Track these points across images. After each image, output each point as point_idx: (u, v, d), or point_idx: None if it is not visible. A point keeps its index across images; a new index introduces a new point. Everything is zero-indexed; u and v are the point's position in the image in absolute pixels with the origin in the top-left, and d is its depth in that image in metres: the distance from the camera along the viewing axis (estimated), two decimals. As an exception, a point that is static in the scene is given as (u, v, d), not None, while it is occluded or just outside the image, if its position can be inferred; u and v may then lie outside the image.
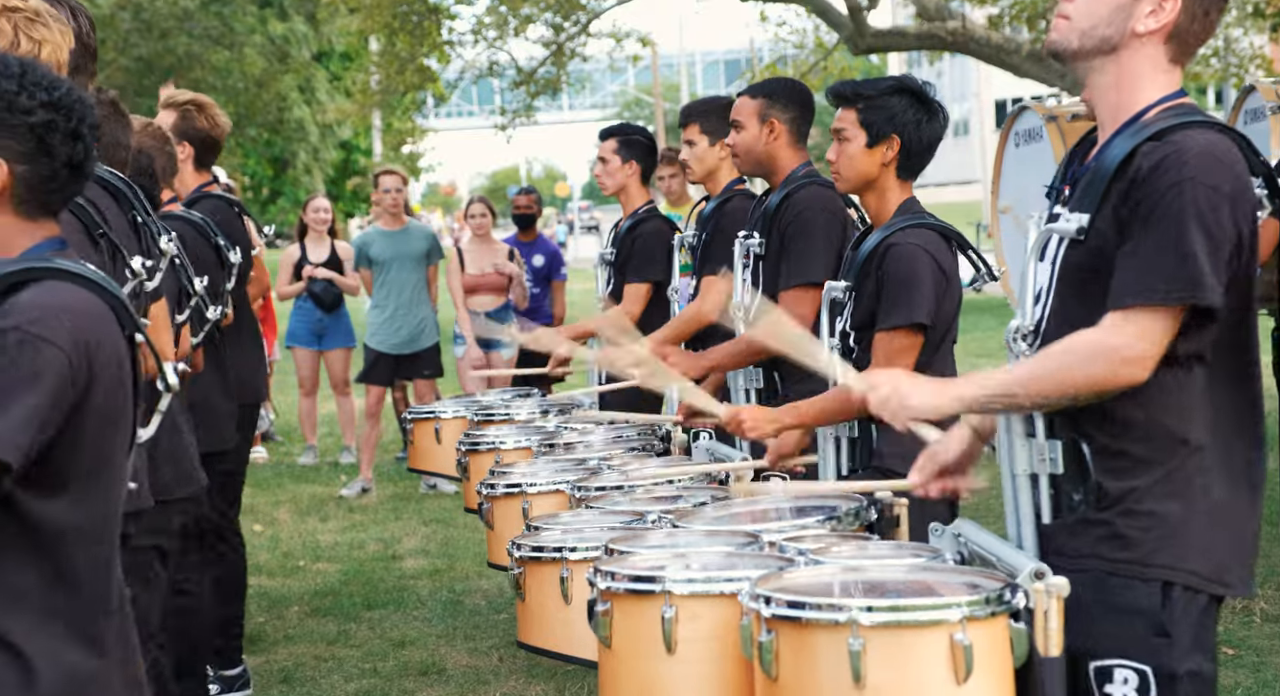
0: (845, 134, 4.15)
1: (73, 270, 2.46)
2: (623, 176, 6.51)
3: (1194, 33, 2.86)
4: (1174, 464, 2.75)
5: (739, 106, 5.06)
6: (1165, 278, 2.66)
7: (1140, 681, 2.72)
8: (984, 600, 2.54)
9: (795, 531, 3.39)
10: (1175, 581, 2.73)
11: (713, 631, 2.90)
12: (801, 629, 2.56)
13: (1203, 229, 2.66)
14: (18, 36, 3.52)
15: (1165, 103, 2.83)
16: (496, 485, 4.65)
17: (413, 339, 10.20)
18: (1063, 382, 2.70)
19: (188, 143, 5.76)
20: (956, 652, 2.50)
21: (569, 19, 21.94)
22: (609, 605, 2.98)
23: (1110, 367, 2.68)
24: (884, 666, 2.50)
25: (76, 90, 2.53)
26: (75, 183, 2.55)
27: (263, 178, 38.14)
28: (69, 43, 3.62)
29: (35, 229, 2.51)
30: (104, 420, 2.46)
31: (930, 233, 4.11)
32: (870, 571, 2.87)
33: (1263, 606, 6.18)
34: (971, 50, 18.90)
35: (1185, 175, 2.68)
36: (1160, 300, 2.66)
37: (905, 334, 4.03)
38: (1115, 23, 2.83)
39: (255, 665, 6.27)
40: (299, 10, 33.84)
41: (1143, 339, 2.67)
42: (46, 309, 2.38)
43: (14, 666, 2.38)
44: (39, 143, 2.47)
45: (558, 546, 3.63)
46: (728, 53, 72.47)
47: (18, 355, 2.34)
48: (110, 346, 2.46)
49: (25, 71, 2.48)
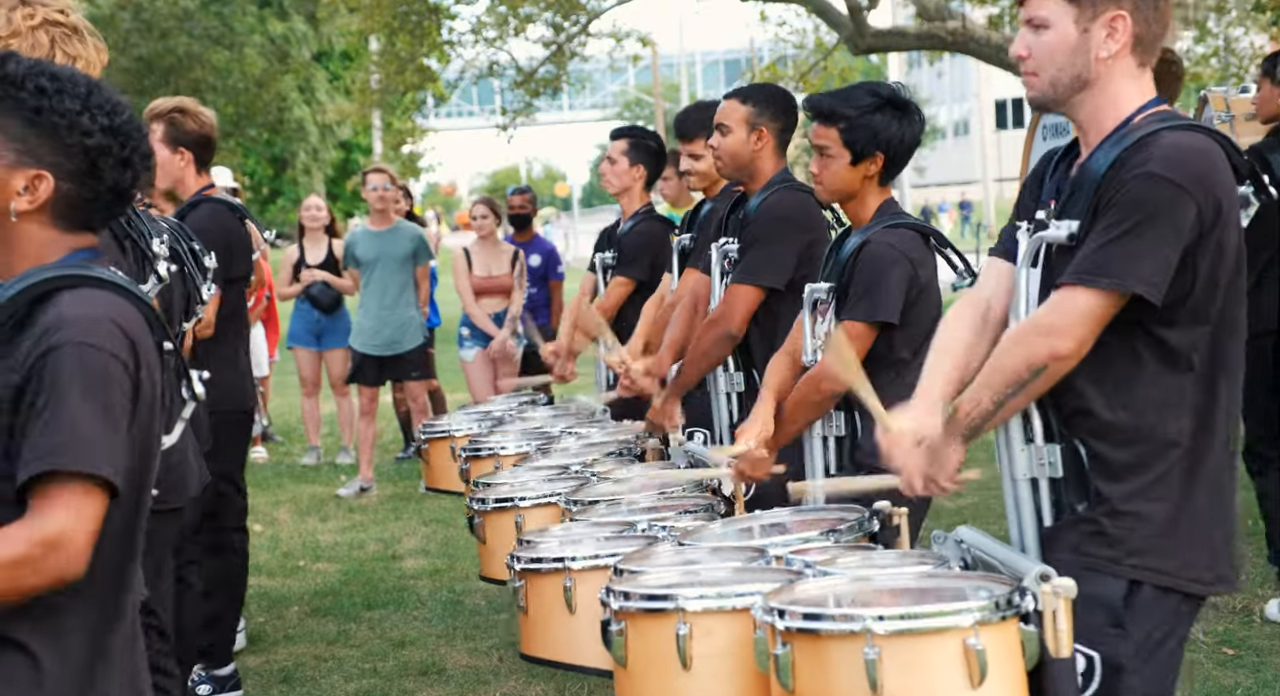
0: (829, 151, 4.17)
1: (108, 279, 2.46)
2: (629, 179, 6.56)
3: (1153, 32, 2.91)
4: (1163, 466, 2.81)
5: (727, 110, 5.06)
6: (1104, 263, 2.73)
7: (1086, 665, 2.78)
8: (995, 604, 2.56)
9: (800, 545, 3.41)
10: (1145, 581, 2.80)
11: (727, 646, 2.92)
12: (816, 640, 2.58)
13: (1155, 221, 2.72)
14: (54, 51, 3.52)
15: (1147, 110, 2.88)
16: (486, 499, 4.65)
17: (395, 341, 10.15)
18: (1006, 369, 2.79)
19: (184, 148, 5.73)
20: (970, 657, 2.51)
21: (569, 19, 21.93)
22: (623, 624, 3.00)
23: (1041, 342, 2.76)
24: (900, 673, 2.51)
25: (135, 118, 2.53)
26: (117, 207, 2.55)
27: (263, 178, 38.13)
28: (102, 59, 3.63)
29: (73, 239, 2.51)
30: (144, 428, 2.46)
31: (907, 232, 4.15)
32: (879, 580, 2.88)
33: (1263, 606, 6.18)
34: (971, 50, 18.90)
35: (1148, 170, 2.74)
36: (1090, 283, 2.74)
37: (863, 328, 4.08)
38: (1078, 61, 2.88)
39: (255, 665, 6.28)
40: (299, 10, 33.84)
41: (1070, 314, 2.75)
42: (93, 319, 2.38)
43: (23, 665, 2.38)
44: (90, 165, 2.47)
45: (558, 557, 3.64)
46: (728, 53, 72.46)
47: (80, 368, 2.33)
48: (147, 354, 2.46)
49: (91, 92, 2.48)
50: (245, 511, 6.17)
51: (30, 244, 2.47)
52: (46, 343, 2.35)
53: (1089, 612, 2.78)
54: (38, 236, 2.48)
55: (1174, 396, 2.79)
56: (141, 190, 4.92)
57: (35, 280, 2.42)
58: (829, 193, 4.24)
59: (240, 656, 6.37)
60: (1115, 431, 2.80)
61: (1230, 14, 20.09)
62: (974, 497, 8.43)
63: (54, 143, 2.45)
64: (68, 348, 2.34)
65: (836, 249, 4.32)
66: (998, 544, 2.88)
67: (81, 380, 2.33)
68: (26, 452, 2.31)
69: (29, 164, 2.44)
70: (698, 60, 77.15)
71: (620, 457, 5.10)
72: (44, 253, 2.48)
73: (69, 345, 2.34)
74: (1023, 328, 2.85)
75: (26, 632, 2.38)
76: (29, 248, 2.47)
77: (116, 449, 2.35)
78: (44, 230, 2.48)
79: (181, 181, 5.79)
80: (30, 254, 2.47)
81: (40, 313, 2.39)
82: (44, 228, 2.48)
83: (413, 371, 10.28)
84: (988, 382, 2.83)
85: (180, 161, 5.73)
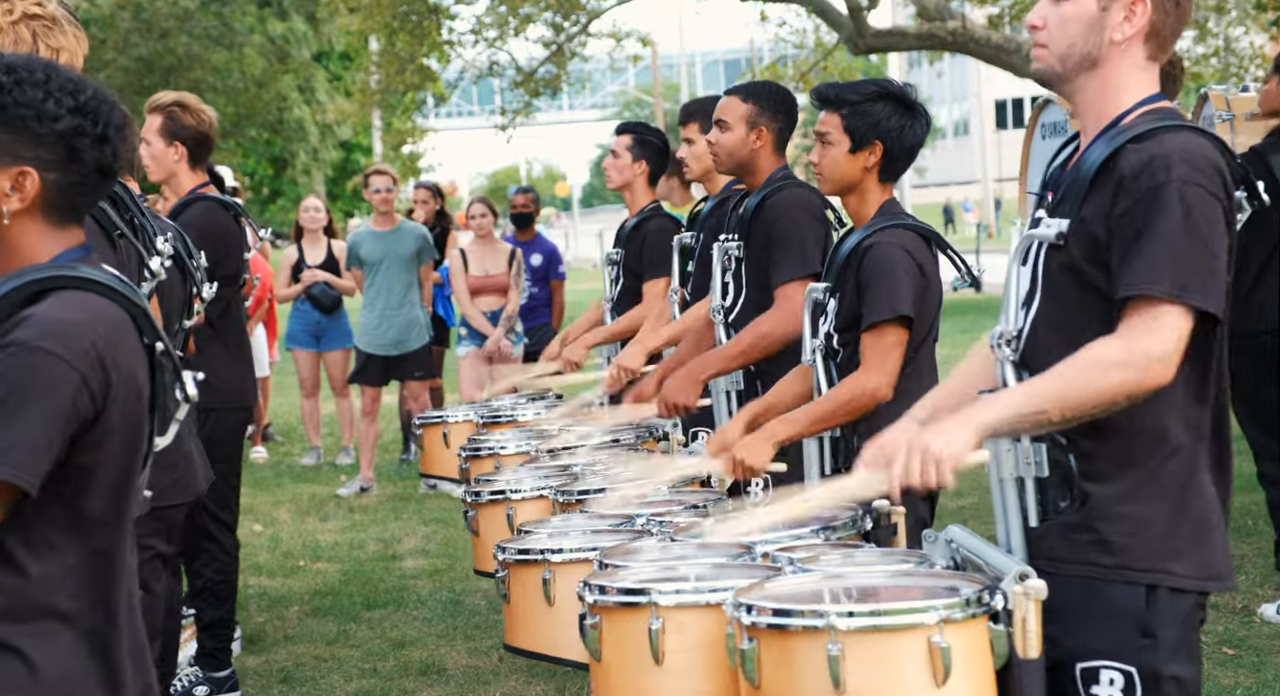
0: (829, 138, 4.17)
1: (96, 279, 2.44)
2: (631, 174, 6.57)
3: (1170, 26, 2.88)
4: (1154, 464, 2.78)
5: (727, 106, 5.06)
6: (1181, 277, 2.66)
7: (1126, 682, 2.74)
8: (962, 603, 2.56)
9: (789, 541, 3.41)
10: (1160, 584, 2.76)
11: (699, 641, 2.92)
12: (781, 636, 2.58)
13: (1204, 231, 2.69)
14: (36, 44, 3.51)
15: (1144, 106, 2.85)
16: (481, 493, 4.66)
17: (401, 340, 10.18)
18: (1098, 392, 2.66)
19: (179, 143, 5.72)
20: (935, 655, 2.51)
21: (569, 19, 21.95)
22: (598, 618, 3.01)
23: (1141, 369, 2.66)
24: (863, 670, 2.51)
25: (101, 91, 2.49)
26: (104, 185, 2.52)
27: (263, 177, 38.13)
28: (83, 48, 3.61)
29: (63, 236, 2.48)
30: (122, 434, 2.44)
31: (909, 233, 4.14)
32: (852, 578, 2.89)
33: (1263, 606, 6.18)
34: (971, 50, 18.92)
35: (1175, 175, 2.70)
36: (1179, 297, 2.66)
37: (893, 328, 4.03)
38: (1091, 38, 2.85)
39: (255, 665, 6.28)
40: (299, 10, 33.81)
41: (1169, 338, 2.66)
42: (61, 323, 2.35)
43: (18, 670, 2.37)
44: (69, 150, 2.43)
45: (541, 549, 3.66)
46: (728, 52, 72.53)
47: (25, 371, 2.30)
48: (128, 358, 2.44)
49: (50, 77, 2.44)
50: (238, 511, 6.16)
51: (25, 244, 2.45)
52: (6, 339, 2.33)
53: (1111, 626, 2.74)
54: (32, 234, 2.45)
55: (1164, 396, 2.77)
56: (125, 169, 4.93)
57: (26, 280, 2.40)
58: (829, 183, 4.23)
59: (240, 656, 6.38)
60: (1104, 430, 2.77)
61: (1230, 14, 20.09)
62: (974, 497, 8.44)
63: (26, 136, 2.41)
64: (16, 348, 2.31)
65: (836, 249, 4.32)
66: (986, 544, 2.87)
67: (19, 382, 2.30)
68: None
69: (8, 162, 2.41)
70: (698, 60, 77.19)
71: (617, 449, 5.10)
72: (37, 251, 2.46)
73: (19, 345, 2.31)
74: (1116, 351, 2.66)
75: (20, 637, 2.37)
76: (24, 247, 2.45)
77: (39, 455, 2.32)
78: (37, 227, 2.46)
79: (175, 175, 5.77)
80: (25, 254, 2.45)
81: (23, 312, 2.37)
82: (37, 224, 2.46)
83: (417, 371, 10.30)
84: (1061, 399, 2.67)
85: (174, 155, 5.72)
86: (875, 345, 4.02)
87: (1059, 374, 2.69)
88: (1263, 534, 7.19)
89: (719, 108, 5.10)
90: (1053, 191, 2.94)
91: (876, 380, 3.98)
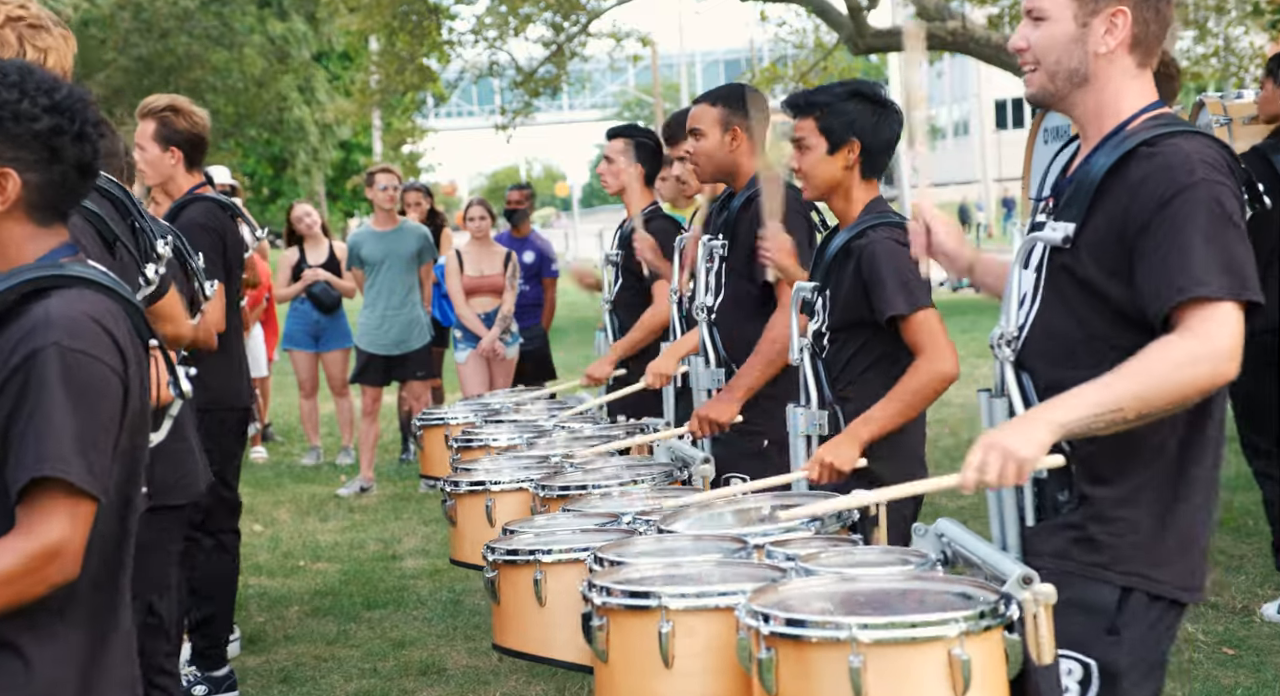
0: (805, 142, 4.24)
1: (89, 276, 2.45)
2: (627, 177, 6.57)
3: (1153, 33, 2.90)
4: (1150, 472, 2.81)
5: (699, 115, 5.13)
6: (1230, 275, 2.69)
7: (1084, 673, 2.80)
8: (980, 614, 2.56)
9: (780, 535, 3.41)
10: (1136, 588, 2.80)
11: (709, 645, 2.91)
12: (801, 646, 2.57)
13: (1238, 227, 2.72)
14: (23, 47, 3.51)
15: (1147, 113, 2.87)
16: (460, 483, 4.67)
17: (402, 340, 10.18)
18: (1175, 388, 2.68)
19: (175, 147, 5.73)
20: (955, 667, 2.52)
21: (569, 19, 21.96)
22: (605, 620, 2.99)
23: (1214, 366, 2.68)
24: (883, 682, 2.51)
25: (76, 90, 2.50)
26: (85, 184, 2.53)
27: (263, 178, 38.15)
28: (72, 49, 3.61)
29: (48, 236, 2.49)
30: (134, 430, 2.45)
31: (899, 229, 4.15)
32: (863, 582, 2.89)
33: (1263, 606, 6.18)
34: (971, 50, 18.92)
35: (1200, 177, 2.72)
36: (1235, 295, 2.69)
37: (927, 312, 4.10)
38: (1076, 55, 2.88)
39: (255, 665, 6.28)
40: (299, 10, 33.83)
41: (1234, 334, 2.70)
42: (81, 321, 2.36)
43: (16, 668, 2.38)
44: (48, 150, 2.44)
45: (531, 550, 3.65)
46: (728, 52, 72.51)
47: (65, 374, 2.31)
48: (134, 353, 2.45)
49: (24, 77, 2.45)
50: (238, 511, 6.16)
51: (10, 245, 2.46)
52: (30, 344, 2.33)
53: (1082, 619, 2.79)
54: (16, 235, 2.46)
55: None
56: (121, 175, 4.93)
57: (19, 280, 2.40)
58: (813, 187, 4.29)
59: (240, 656, 6.38)
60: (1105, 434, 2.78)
61: (1230, 14, 20.09)
62: (974, 496, 8.43)
63: (4, 138, 2.42)
64: (50, 350, 2.32)
65: (823, 248, 4.34)
66: (978, 540, 2.88)
67: (65, 385, 2.31)
68: (13, 460, 2.31)
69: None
70: (698, 60, 77.15)
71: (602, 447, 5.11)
72: (22, 252, 2.46)
73: (52, 347, 2.32)
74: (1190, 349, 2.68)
75: (19, 635, 2.38)
76: (9, 248, 2.46)
77: (103, 455, 2.34)
78: (22, 227, 2.46)
79: (171, 179, 5.79)
80: (10, 255, 2.45)
81: (24, 313, 2.37)
82: (21, 225, 2.46)
83: (418, 371, 10.30)
84: (1137, 397, 2.68)
85: (170, 160, 5.73)
86: (920, 330, 4.10)
87: (1133, 372, 2.69)
88: (1262, 534, 7.19)
89: (691, 117, 5.19)
90: (1054, 196, 2.95)
91: (942, 360, 4.08)
